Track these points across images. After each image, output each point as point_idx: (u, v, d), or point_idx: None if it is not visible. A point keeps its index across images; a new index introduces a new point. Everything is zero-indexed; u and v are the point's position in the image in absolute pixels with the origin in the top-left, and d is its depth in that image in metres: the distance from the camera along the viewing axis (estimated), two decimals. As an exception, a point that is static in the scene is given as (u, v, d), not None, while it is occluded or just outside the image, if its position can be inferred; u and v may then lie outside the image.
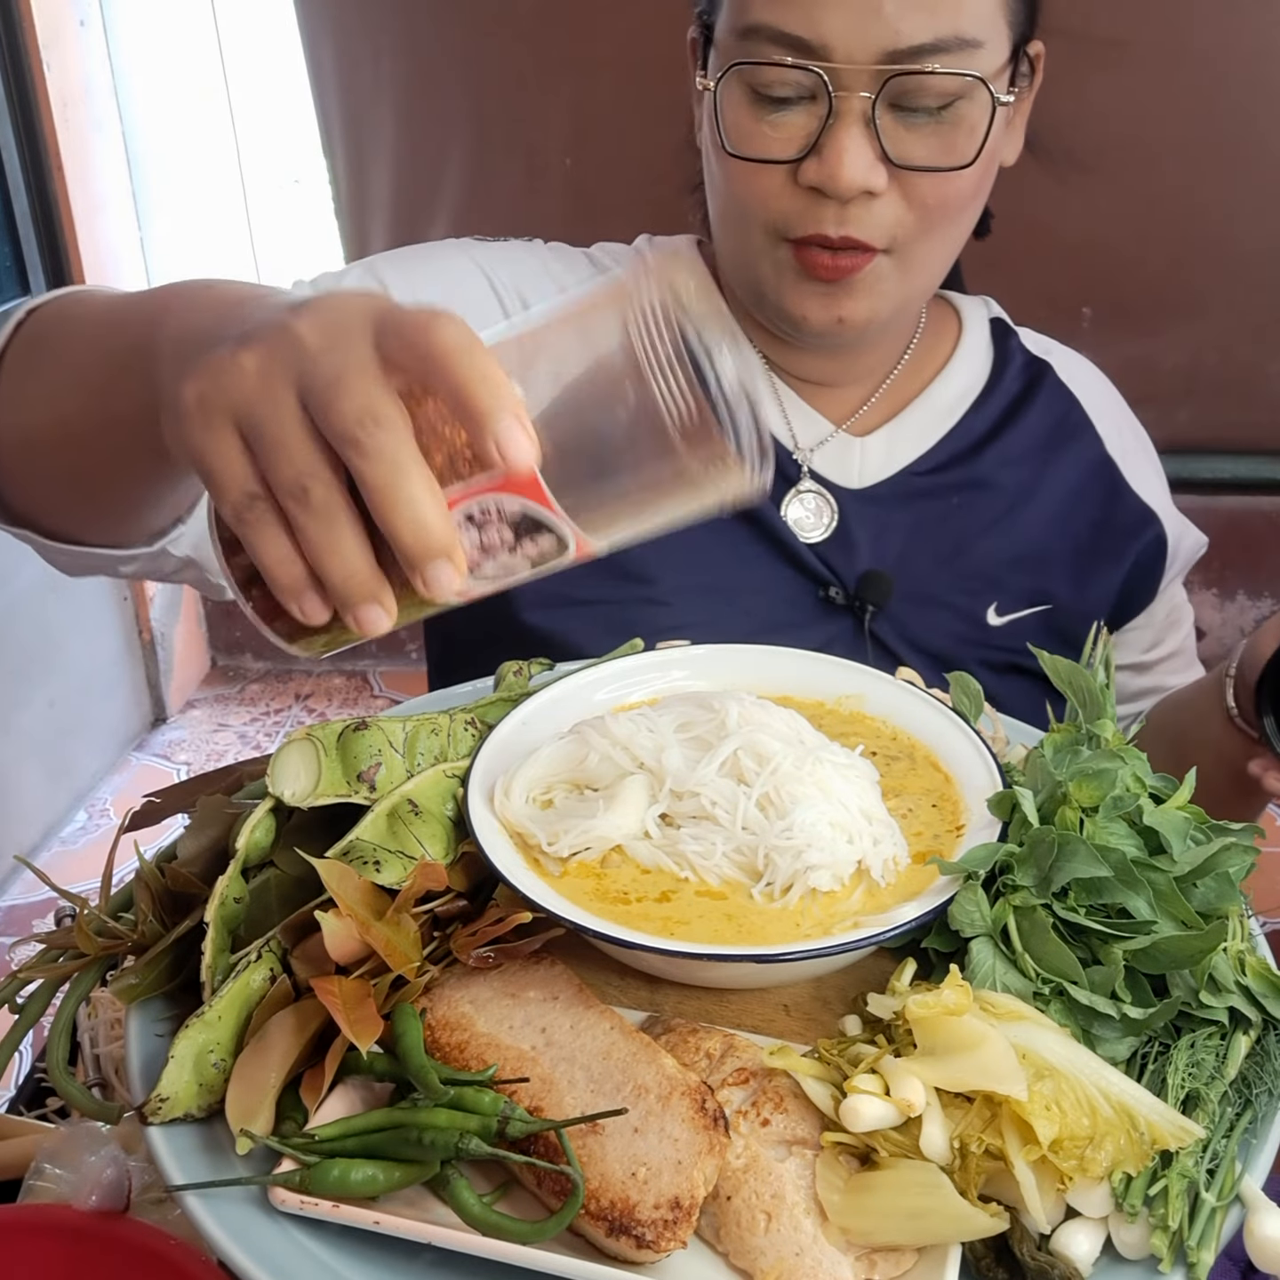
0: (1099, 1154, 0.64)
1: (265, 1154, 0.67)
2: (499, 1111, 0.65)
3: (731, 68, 1.04)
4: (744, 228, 1.10)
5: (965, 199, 1.08)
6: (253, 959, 0.72)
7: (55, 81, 2.99)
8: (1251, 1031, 0.73)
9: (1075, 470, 1.26)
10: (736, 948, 0.74)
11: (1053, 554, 1.24)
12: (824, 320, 1.10)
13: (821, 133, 1.02)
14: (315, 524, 0.58)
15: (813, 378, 1.22)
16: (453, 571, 0.59)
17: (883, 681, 0.95)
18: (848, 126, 1.01)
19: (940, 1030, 0.67)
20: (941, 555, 1.22)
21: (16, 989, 0.81)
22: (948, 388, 1.25)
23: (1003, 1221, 0.63)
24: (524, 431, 0.57)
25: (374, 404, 0.57)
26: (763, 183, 1.06)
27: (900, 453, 1.23)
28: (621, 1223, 0.62)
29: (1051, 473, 1.25)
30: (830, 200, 1.03)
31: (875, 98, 1.00)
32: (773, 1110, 0.67)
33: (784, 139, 1.04)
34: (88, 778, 3.32)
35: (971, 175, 1.05)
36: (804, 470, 1.20)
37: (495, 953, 0.74)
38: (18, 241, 3.03)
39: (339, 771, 0.80)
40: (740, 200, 1.08)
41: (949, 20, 0.99)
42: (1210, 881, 0.76)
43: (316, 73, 2.70)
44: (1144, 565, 1.28)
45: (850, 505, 1.20)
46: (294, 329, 0.60)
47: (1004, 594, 1.22)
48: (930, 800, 0.86)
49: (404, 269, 1.17)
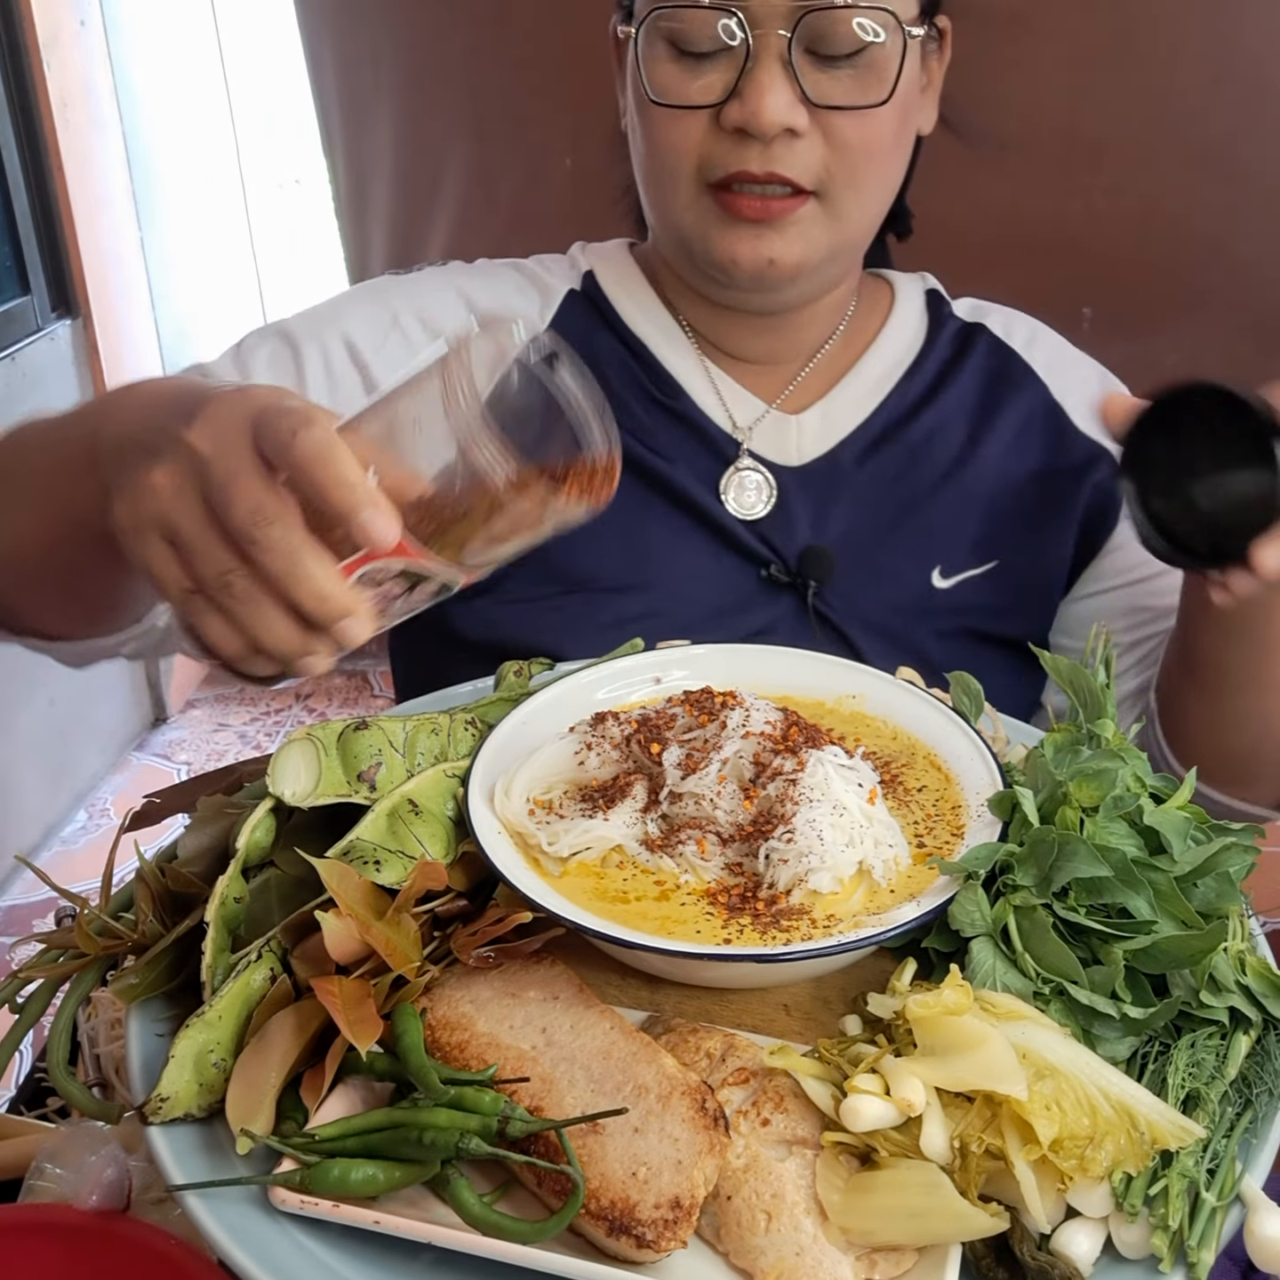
0: (1099, 1153, 0.64)
1: (265, 1154, 0.67)
2: (499, 1111, 0.65)
3: (651, 13, 1.06)
4: (669, 180, 1.11)
5: (886, 143, 1.09)
6: (253, 959, 0.72)
7: (55, 81, 2.99)
8: (1252, 1031, 0.73)
9: (1017, 421, 1.24)
10: (736, 948, 0.74)
11: (997, 508, 1.22)
12: (754, 261, 1.10)
13: (741, 76, 1.04)
14: (242, 608, 0.69)
15: (747, 355, 1.23)
16: (358, 624, 0.70)
17: (883, 681, 0.95)
18: (766, 66, 1.04)
19: (940, 1030, 0.67)
20: (882, 524, 1.20)
21: (17, 989, 0.81)
22: (880, 359, 1.25)
23: (1003, 1221, 0.63)
24: (382, 516, 0.67)
25: (261, 503, 0.67)
26: (686, 128, 1.08)
27: (835, 427, 1.22)
28: (622, 1222, 0.62)
29: (990, 427, 1.23)
30: (754, 140, 1.05)
31: (791, 36, 1.03)
32: (773, 1110, 0.67)
33: (705, 85, 1.06)
34: (88, 777, 3.32)
35: (889, 117, 1.07)
36: (743, 449, 1.20)
37: (495, 952, 0.75)
38: (18, 241, 3.03)
39: (339, 771, 0.80)
40: (664, 148, 1.10)
41: None
42: (1210, 881, 0.76)
43: (316, 72, 2.69)
44: (1099, 501, 1.24)
45: (789, 482, 1.20)
46: (188, 441, 0.70)
47: (948, 556, 1.21)
48: (931, 800, 0.86)
49: (313, 330, 1.18)
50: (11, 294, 3.03)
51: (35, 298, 3.10)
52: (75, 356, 3.22)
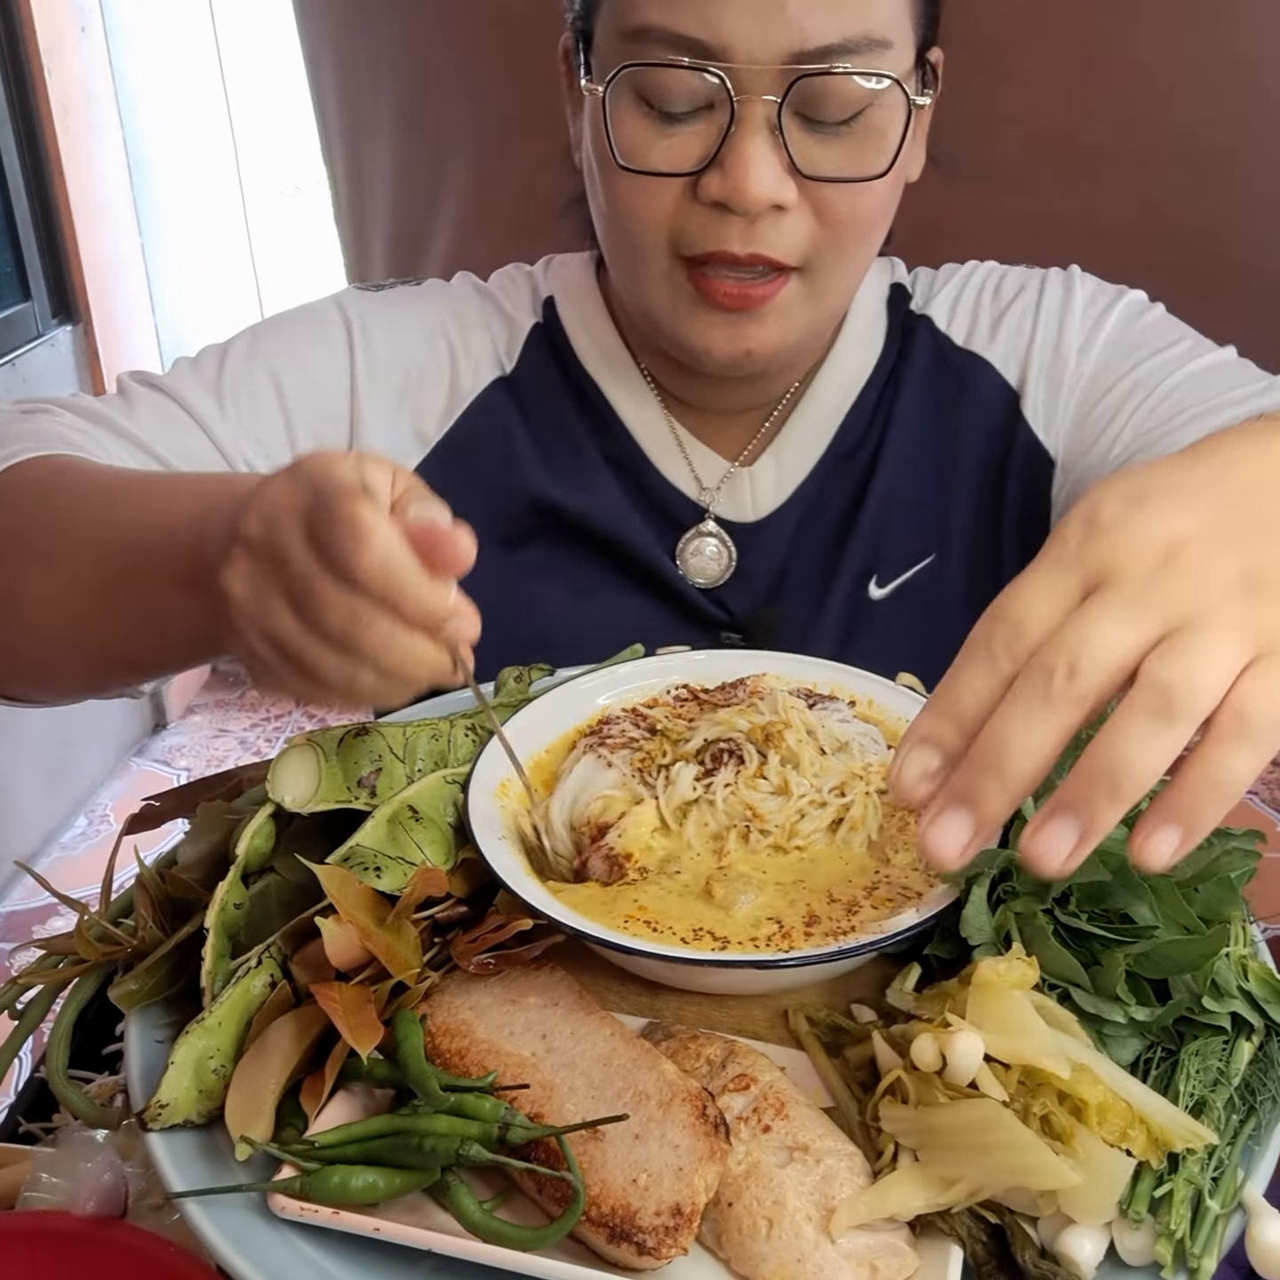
0: (1138, 1134, 0.64)
1: (265, 1160, 0.67)
2: (499, 1118, 0.65)
3: (623, 70, 0.93)
4: (636, 250, 1.00)
5: (877, 213, 1.00)
6: (253, 965, 0.72)
7: (56, 87, 3.00)
8: (1254, 1037, 0.73)
9: (968, 414, 1.13)
10: (736, 953, 0.74)
11: (930, 500, 1.13)
12: (730, 353, 1.01)
13: (723, 142, 0.92)
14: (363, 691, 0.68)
15: (711, 407, 1.13)
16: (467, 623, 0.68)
17: (883, 687, 0.95)
18: (751, 135, 0.91)
19: (996, 1002, 0.67)
20: (823, 550, 1.13)
21: (16, 994, 0.80)
22: (828, 388, 1.14)
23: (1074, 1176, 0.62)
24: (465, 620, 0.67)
25: (352, 609, 0.64)
26: (658, 198, 0.96)
27: (788, 476, 1.13)
28: (622, 1229, 0.62)
29: (934, 427, 1.14)
30: (735, 217, 0.94)
31: (781, 102, 0.91)
32: (774, 1116, 0.67)
33: (680, 150, 0.94)
34: (88, 783, 3.32)
35: (884, 187, 0.97)
36: (709, 513, 1.13)
37: (496, 959, 0.74)
38: (18, 247, 3.03)
39: (339, 777, 0.80)
40: (632, 218, 0.98)
41: (856, 19, 0.91)
42: (1212, 886, 0.76)
43: (316, 79, 2.70)
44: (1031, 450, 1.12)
45: (745, 540, 1.13)
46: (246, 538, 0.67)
47: (883, 562, 1.13)
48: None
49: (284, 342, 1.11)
50: (12, 300, 3.04)
51: (36, 303, 3.11)
52: (76, 362, 3.23)
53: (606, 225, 1.03)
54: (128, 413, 1.04)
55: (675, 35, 0.91)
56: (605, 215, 1.02)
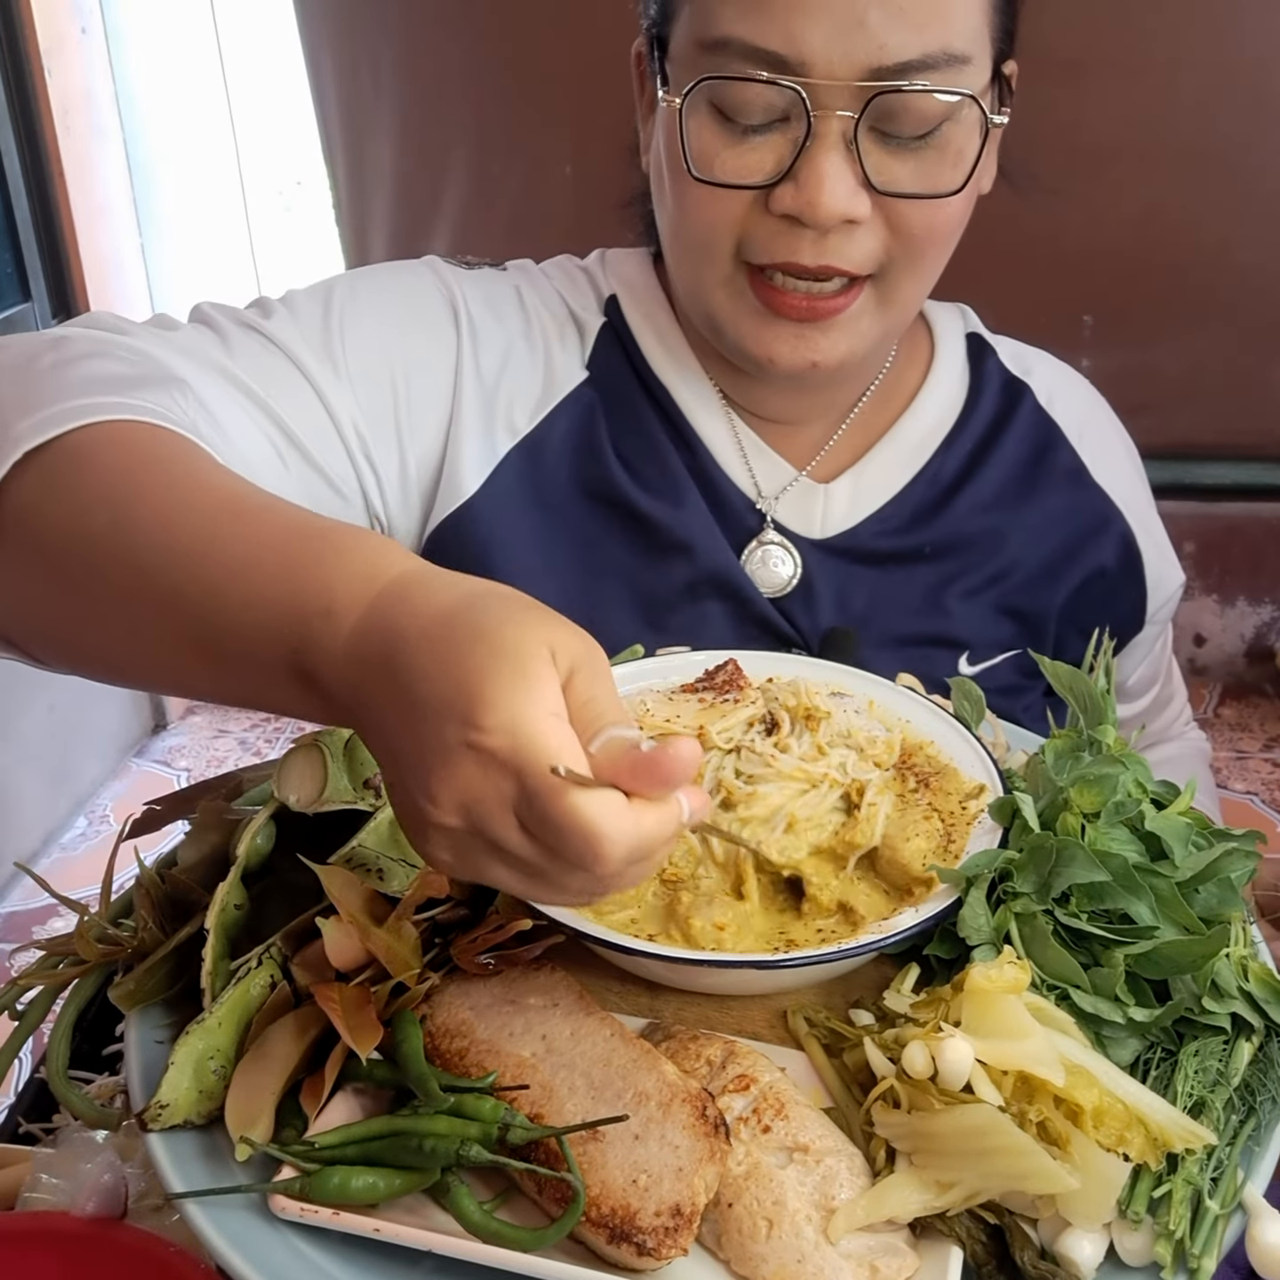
0: (1135, 1136, 0.64)
1: (265, 1161, 0.67)
2: (499, 1118, 0.65)
3: (701, 83, 0.93)
4: (702, 254, 1.00)
5: (951, 229, 1.00)
6: (253, 965, 0.72)
7: (56, 88, 3.00)
8: (1254, 1038, 0.73)
9: (1054, 509, 1.16)
10: (736, 954, 0.74)
11: (1029, 610, 1.16)
12: (795, 364, 1.01)
13: (798, 156, 0.92)
14: None
15: (775, 416, 1.13)
16: None
17: (883, 688, 0.95)
18: (827, 150, 0.92)
19: (989, 1008, 0.67)
20: (911, 608, 1.13)
21: (16, 995, 0.80)
22: (917, 423, 1.15)
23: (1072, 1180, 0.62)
24: None
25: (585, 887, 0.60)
26: (729, 207, 0.96)
27: (865, 499, 1.13)
28: (622, 1230, 0.62)
29: (1028, 513, 1.15)
30: (806, 229, 0.94)
31: (858, 118, 0.91)
32: (774, 1117, 0.67)
33: (754, 161, 0.94)
34: (88, 784, 3.31)
35: (959, 203, 0.98)
36: (767, 520, 1.12)
37: (495, 959, 0.74)
38: (19, 247, 3.03)
39: (345, 778, 0.80)
40: (701, 226, 0.98)
41: (938, 35, 0.90)
42: (1212, 887, 0.76)
43: (317, 80, 2.70)
44: None
45: (812, 557, 1.12)
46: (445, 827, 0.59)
47: (977, 648, 1.14)
48: (934, 805, 0.86)
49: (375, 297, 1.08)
50: (12, 300, 3.03)
51: (36, 304, 3.10)
52: (76, 363, 3.22)
53: (673, 229, 1.03)
54: (229, 354, 0.98)
55: (755, 48, 0.91)
56: (672, 219, 1.03)
